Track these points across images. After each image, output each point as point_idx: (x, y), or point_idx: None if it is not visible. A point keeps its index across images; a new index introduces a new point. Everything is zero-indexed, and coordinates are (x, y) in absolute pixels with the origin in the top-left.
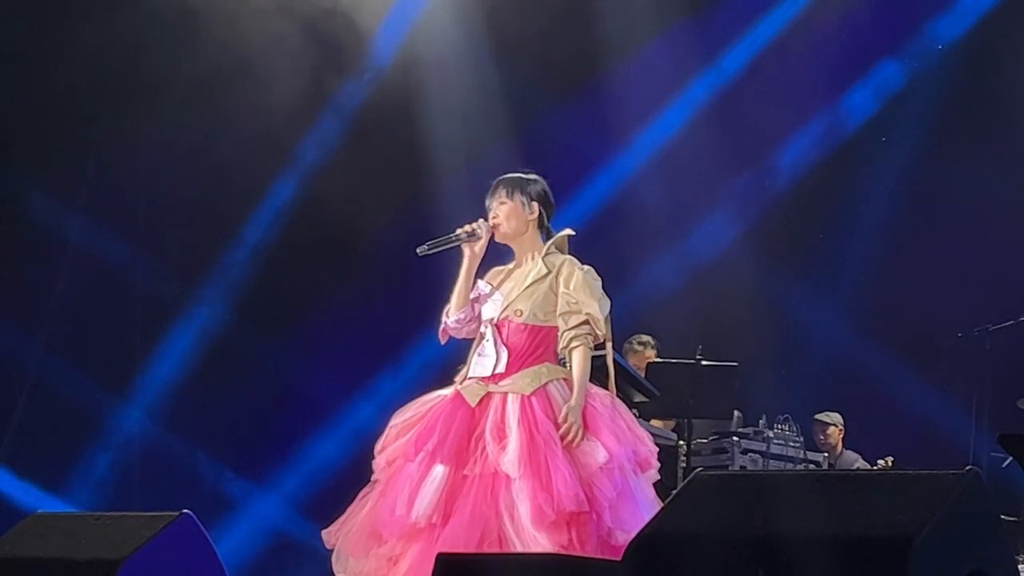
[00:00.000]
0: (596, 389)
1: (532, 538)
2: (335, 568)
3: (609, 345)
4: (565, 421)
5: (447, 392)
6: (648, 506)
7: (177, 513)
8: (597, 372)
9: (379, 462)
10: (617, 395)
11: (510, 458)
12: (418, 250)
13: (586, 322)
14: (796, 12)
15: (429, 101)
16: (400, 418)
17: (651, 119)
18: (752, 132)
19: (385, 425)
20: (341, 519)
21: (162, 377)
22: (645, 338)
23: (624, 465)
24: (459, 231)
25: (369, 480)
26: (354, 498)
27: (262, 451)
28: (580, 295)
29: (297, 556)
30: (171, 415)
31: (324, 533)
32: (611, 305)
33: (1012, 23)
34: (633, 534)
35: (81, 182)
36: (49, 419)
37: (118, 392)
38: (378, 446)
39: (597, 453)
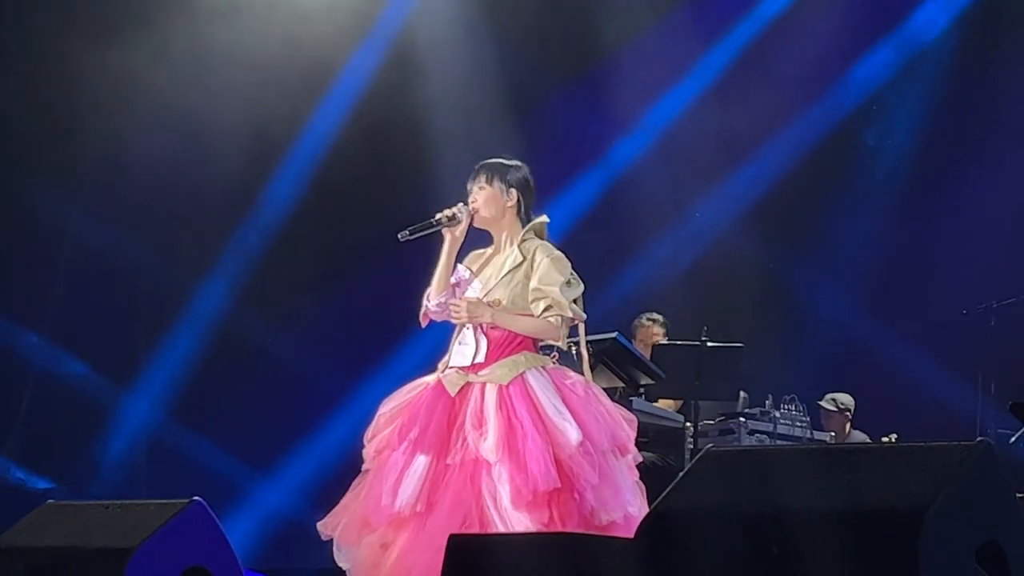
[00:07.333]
0: (573, 375)
1: (514, 518)
2: (337, 559)
3: (581, 328)
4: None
5: (431, 379)
6: (630, 488)
7: (187, 500)
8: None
9: (368, 451)
10: (623, 378)
11: (489, 445)
12: (399, 235)
13: (551, 306)
14: None
15: (428, 87)
16: (387, 406)
17: (653, 101)
18: (754, 112)
19: None
20: (336, 510)
21: (168, 367)
22: (655, 315)
23: (604, 447)
24: (439, 216)
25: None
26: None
27: (271, 439)
28: (545, 281)
29: (307, 543)
30: (178, 405)
31: (320, 525)
32: (585, 289)
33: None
34: (616, 515)
35: (81, 171)
36: (56, 411)
37: (124, 383)
38: (367, 435)
39: (570, 433)
